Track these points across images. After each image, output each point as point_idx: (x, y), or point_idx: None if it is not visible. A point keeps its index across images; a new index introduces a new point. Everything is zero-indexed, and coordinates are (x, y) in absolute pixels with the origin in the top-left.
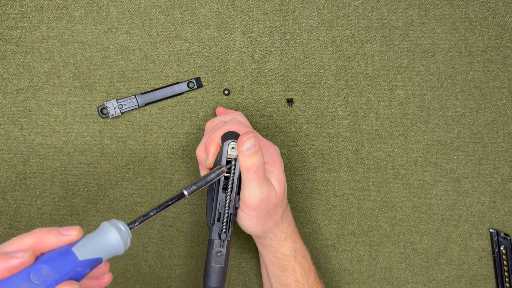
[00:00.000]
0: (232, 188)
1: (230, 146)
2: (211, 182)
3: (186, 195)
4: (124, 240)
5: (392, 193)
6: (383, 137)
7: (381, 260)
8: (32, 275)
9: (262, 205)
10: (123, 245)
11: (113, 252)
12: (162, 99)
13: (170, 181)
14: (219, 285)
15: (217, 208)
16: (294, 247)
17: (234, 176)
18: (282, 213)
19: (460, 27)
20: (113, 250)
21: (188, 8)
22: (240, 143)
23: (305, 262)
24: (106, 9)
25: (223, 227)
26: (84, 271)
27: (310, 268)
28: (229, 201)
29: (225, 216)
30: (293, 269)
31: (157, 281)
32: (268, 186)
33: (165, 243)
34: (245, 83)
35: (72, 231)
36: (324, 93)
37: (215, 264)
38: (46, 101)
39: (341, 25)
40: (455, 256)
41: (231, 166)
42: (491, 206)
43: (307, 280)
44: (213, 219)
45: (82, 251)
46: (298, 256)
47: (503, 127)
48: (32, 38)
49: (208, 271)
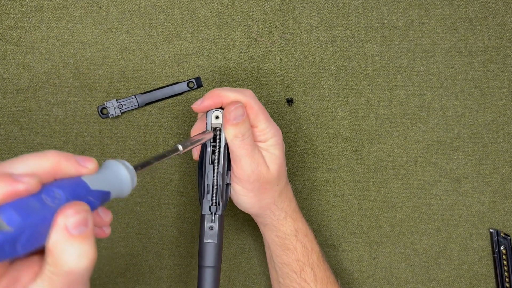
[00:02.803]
0: (219, 159)
1: (213, 115)
2: (202, 142)
3: (180, 149)
4: (132, 177)
5: (392, 193)
6: (383, 137)
7: (381, 260)
8: (45, 196)
9: (254, 176)
10: (131, 182)
11: (121, 189)
12: (162, 99)
13: (170, 181)
14: (214, 264)
15: (205, 181)
16: (295, 226)
17: (220, 145)
18: (280, 191)
19: (460, 27)
20: (121, 186)
21: (188, 8)
22: (228, 111)
23: (307, 241)
24: (106, 9)
25: (213, 200)
26: (94, 203)
27: (313, 248)
28: (217, 172)
29: (214, 188)
30: (294, 248)
31: (157, 281)
32: (258, 157)
33: (165, 243)
34: (245, 82)
35: (90, 163)
36: (324, 93)
37: (208, 240)
38: (46, 101)
39: (341, 25)
40: (455, 256)
41: (216, 136)
42: (491, 206)
43: (308, 259)
44: (203, 193)
45: (92, 181)
46: (300, 235)
47: (503, 127)
48: (32, 38)
49: (202, 249)
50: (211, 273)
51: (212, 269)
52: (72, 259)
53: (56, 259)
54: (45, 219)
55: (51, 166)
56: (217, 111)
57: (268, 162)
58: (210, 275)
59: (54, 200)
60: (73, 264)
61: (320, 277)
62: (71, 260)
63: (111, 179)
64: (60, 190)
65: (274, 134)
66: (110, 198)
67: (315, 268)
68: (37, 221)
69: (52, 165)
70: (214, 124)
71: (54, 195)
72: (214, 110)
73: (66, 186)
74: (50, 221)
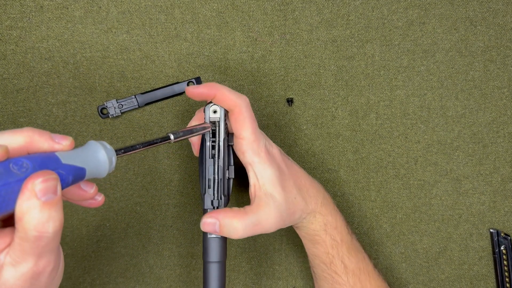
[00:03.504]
0: (219, 153)
1: (211, 109)
2: (196, 134)
3: (172, 138)
4: (109, 157)
5: (392, 193)
6: (383, 137)
7: (382, 260)
8: (12, 165)
9: (275, 226)
10: (108, 162)
11: (97, 167)
12: (162, 99)
13: (170, 181)
14: (219, 259)
15: (206, 175)
16: (324, 221)
17: (219, 139)
18: (304, 203)
19: (460, 27)
20: (97, 165)
21: (188, 7)
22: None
23: (336, 233)
24: (106, 9)
25: (214, 194)
26: (66, 177)
27: (343, 239)
28: (217, 166)
29: (216, 182)
30: (323, 241)
31: (157, 281)
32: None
33: (165, 243)
34: (245, 82)
35: (64, 140)
36: (324, 93)
37: (212, 235)
38: (46, 101)
39: (341, 25)
40: (455, 256)
41: (215, 130)
42: (491, 206)
43: (337, 251)
44: (205, 188)
45: (65, 156)
46: (329, 228)
47: (503, 127)
48: (32, 38)
49: (206, 244)
50: (217, 268)
51: (217, 264)
52: (39, 223)
53: (24, 224)
54: (10, 185)
55: (24, 141)
56: (215, 105)
57: (273, 214)
58: (215, 270)
59: (21, 169)
60: (40, 228)
61: (352, 269)
62: (38, 224)
63: (87, 157)
64: (28, 161)
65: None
66: (86, 174)
67: (345, 261)
68: (1, 186)
69: (25, 140)
70: (212, 118)
71: (22, 165)
72: (211, 104)
73: (35, 158)
74: (16, 188)
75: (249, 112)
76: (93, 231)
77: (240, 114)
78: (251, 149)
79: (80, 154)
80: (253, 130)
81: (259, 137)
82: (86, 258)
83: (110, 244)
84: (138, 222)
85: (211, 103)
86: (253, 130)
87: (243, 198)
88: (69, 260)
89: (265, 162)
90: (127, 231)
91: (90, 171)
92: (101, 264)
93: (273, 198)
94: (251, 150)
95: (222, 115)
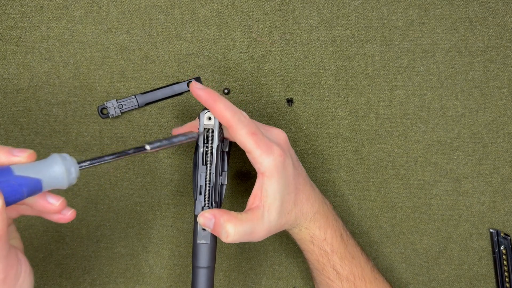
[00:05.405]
0: (211, 160)
1: (206, 116)
2: (177, 144)
3: (148, 149)
4: (68, 168)
5: (392, 193)
6: (383, 137)
7: (382, 260)
8: None
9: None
10: (65, 172)
11: (55, 178)
12: (162, 99)
13: (170, 181)
14: (208, 264)
15: (198, 182)
16: (310, 234)
17: (212, 146)
18: (288, 226)
19: (460, 27)
20: (54, 175)
21: (188, 8)
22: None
23: (325, 245)
24: (106, 9)
25: (205, 201)
26: (19, 188)
27: (333, 250)
28: (209, 173)
29: (207, 189)
30: (312, 251)
31: (157, 281)
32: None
33: (165, 243)
34: (245, 82)
35: (22, 153)
36: (324, 93)
37: (201, 241)
38: (46, 101)
39: (341, 25)
40: (455, 256)
41: (208, 137)
42: (491, 206)
43: (328, 260)
44: (196, 194)
45: (19, 168)
46: (316, 241)
47: (503, 127)
48: (32, 38)
49: (195, 250)
50: (205, 273)
51: (205, 269)
52: None
53: None
54: None
55: None
56: (209, 112)
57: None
58: (203, 275)
59: None
60: None
61: (345, 276)
62: None
63: (42, 168)
64: None
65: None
66: (42, 186)
67: (337, 268)
68: None
69: None
70: (207, 125)
71: None
72: (206, 111)
73: None
74: None
75: (247, 128)
76: (93, 231)
77: (235, 133)
78: (259, 162)
79: (36, 165)
80: (255, 144)
81: (268, 148)
82: (86, 258)
83: (110, 244)
84: (138, 222)
85: (207, 110)
86: (255, 144)
87: (239, 198)
88: (69, 260)
89: (273, 176)
90: (127, 231)
91: (47, 182)
92: (101, 264)
93: (269, 212)
94: (259, 164)
95: (217, 123)
